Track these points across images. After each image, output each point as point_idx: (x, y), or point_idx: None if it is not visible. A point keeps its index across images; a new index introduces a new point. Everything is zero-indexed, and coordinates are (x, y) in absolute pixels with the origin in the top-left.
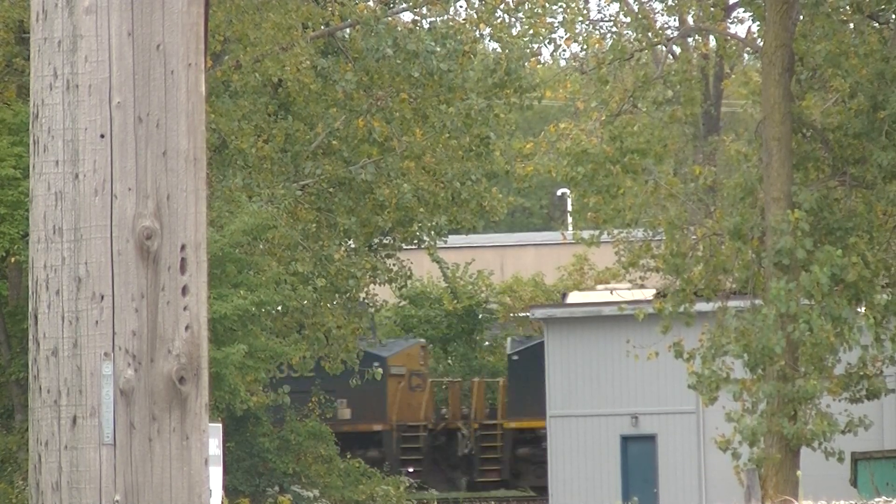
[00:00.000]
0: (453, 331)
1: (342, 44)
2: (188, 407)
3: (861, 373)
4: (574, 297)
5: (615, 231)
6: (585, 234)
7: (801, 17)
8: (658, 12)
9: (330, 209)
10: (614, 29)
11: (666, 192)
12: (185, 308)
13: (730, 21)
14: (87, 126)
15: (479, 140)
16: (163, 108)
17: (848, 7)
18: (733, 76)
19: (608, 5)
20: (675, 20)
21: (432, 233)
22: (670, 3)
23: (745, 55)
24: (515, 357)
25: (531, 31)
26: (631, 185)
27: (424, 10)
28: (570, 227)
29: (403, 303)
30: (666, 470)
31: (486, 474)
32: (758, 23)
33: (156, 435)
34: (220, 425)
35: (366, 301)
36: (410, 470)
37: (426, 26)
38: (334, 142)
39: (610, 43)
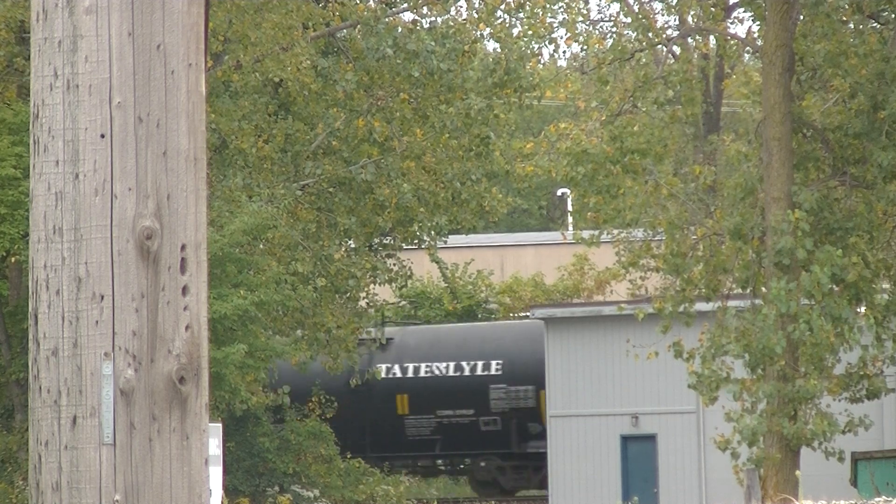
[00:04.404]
0: None
1: (342, 44)
2: (188, 407)
3: (861, 373)
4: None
5: (615, 231)
6: (585, 234)
7: (801, 17)
8: (658, 12)
9: (330, 209)
10: (614, 29)
11: (666, 192)
12: (185, 308)
13: (730, 21)
14: (88, 126)
15: (479, 140)
16: (163, 108)
17: (848, 7)
18: (733, 76)
19: (608, 5)
20: (675, 20)
21: (432, 233)
22: (670, 3)
23: (745, 55)
24: None
25: (531, 32)
26: (631, 185)
27: (425, 10)
28: (571, 227)
29: (403, 303)
30: (666, 470)
31: None
32: (758, 23)
33: (156, 435)
34: (220, 425)
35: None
36: None
37: (426, 26)
38: (334, 142)
39: (610, 43)
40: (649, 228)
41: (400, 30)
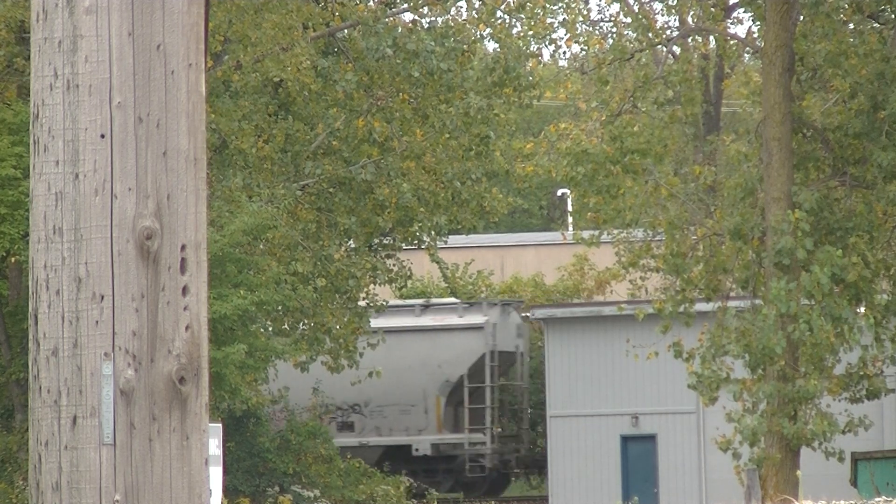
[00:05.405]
0: None
1: (342, 44)
2: (188, 407)
3: (861, 373)
4: None
5: (615, 231)
6: (585, 234)
7: (801, 17)
8: (658, 12)
9: (330, 209)
10: (614, 29)
11: (666, 192)
12: (185, 308)
13: (730, 21)
14: (88, 126)
15: (478, 139)
16: (163, 108)
17: (848, 7)
18: (733, 76)
19: (608, 6)
20: (675, 20)
21: (432, 233)
22: (670, 3)
23: (745, 55)
24: None
25: (531, 32)
26: (631, 185)
27: (424, 10)
28: (571, 227)
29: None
30: (666, 470)
31: None
32: (758, 23)
33: (156, 435)
34: (220, 425)
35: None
36: None
37: (426, 26)
38: (334, 142)
39: (610, 43)
40: (649, 228)
41: (400, 30)
